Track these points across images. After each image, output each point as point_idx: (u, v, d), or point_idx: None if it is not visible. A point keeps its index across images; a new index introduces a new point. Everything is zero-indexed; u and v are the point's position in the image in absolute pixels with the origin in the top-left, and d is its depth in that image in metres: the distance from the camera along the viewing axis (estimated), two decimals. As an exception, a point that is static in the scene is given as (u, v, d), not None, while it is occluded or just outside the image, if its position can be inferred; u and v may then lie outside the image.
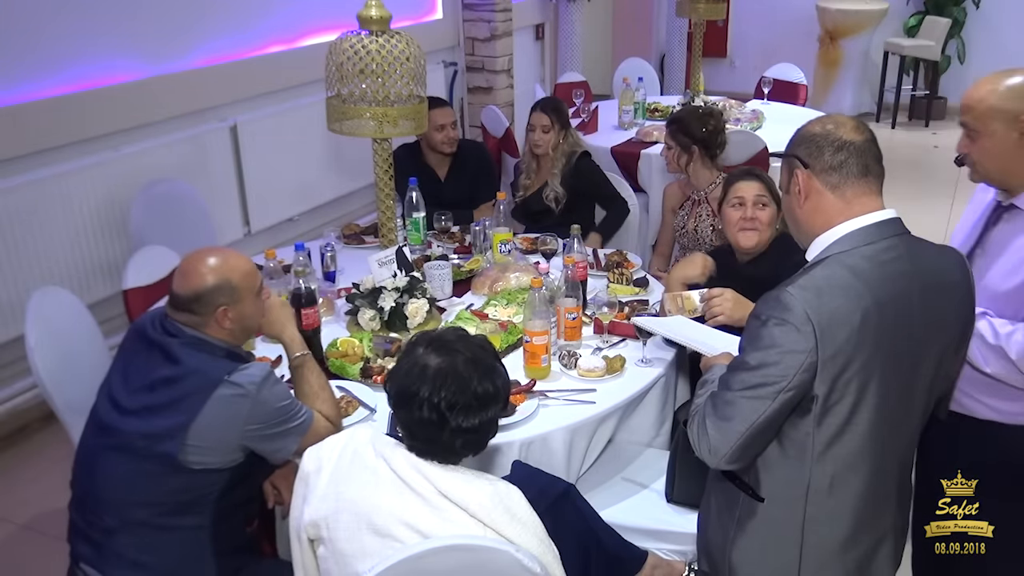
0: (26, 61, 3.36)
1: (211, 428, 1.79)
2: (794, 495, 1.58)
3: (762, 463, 1.60)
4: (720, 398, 1.56)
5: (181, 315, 1.88)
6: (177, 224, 3.49)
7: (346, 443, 1.67)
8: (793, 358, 1.45)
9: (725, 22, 8.05)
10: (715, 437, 1.54)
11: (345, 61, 2.52)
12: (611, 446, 2.31)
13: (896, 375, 1.52)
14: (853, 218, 1.54)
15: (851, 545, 1.60)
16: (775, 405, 1.48)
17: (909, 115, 7.84)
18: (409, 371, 1.58)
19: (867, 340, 1.46)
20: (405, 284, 2.57)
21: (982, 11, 7.58)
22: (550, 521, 1.64)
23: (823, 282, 1.49)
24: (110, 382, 1.91)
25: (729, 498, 1.68)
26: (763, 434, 1.53)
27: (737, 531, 1.66)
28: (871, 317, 1.46)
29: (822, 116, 1.64)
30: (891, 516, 1.65)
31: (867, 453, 1.54)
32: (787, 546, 1.61)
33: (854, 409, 1.50)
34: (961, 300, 1.61)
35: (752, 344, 1.52)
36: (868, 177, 1.55)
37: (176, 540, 1.85)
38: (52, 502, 3.02)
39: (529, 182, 3.61)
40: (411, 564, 1.46)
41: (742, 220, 2.52)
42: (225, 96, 4.19)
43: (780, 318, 1.47)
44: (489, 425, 1.61)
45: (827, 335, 1.44)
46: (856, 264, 1.50)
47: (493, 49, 5.93)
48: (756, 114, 4.80)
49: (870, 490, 1.57)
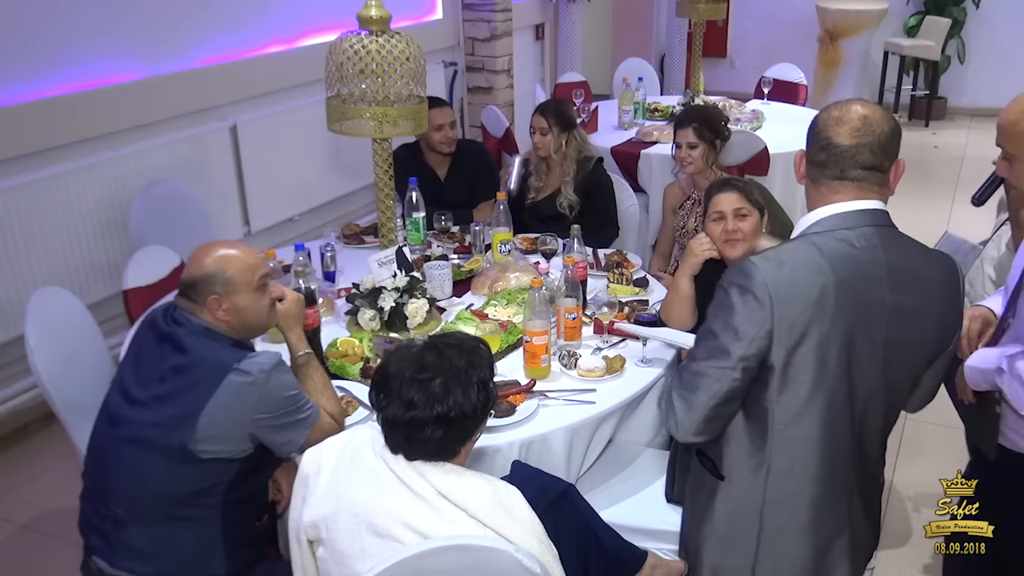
0: (26, 61, 3.36)
1: (220, 416, 1.80)
2: (755, 476, 1.61)
3: (725, 439, 1.64)
4: (687, 369, 1.61)
5: (182, 300, 1.91)
6: (177, 224, 3.49)
7: (345, 444, 1.67)
8: (751, 324, 1.50)
9: (725, 22, 8.05)
10: (680, 408, 1.60)
11: (345, 61, 2.52)
12: (611, 446, 2.30)
13: (856, 359, 1.53)
14: (832, 204, 1.58)
15: (808, 534, 1.61)
16: (736, 374, 1.53)
17: (909, 115, 7.84)
18: (398, 348, 1.64)
19: (824, 316, 1.49)
20: (405, 284, 2.57)
21: (982, 11, 7.58)
22: (550, 521, 1.64)
23: (787, 255, 1.54)
24: (122, 374, 1.94)
25: (699, 481, 1.73)
26: (726, 405, 1.57)
27: (703, 514, 1.70)
28: (829, 294, 1.49)
29: (845, 101, 1.61)
30: (847, 512, 1.64)
31: (825, 439, 1.56)
32: (746, 529, 1.63)
33: (812, 388, 1.53)
34: (944, 301, 1.61)
35: (716, 311, 1.58)
36: (843, 181, 1.57)
37: (187, 532, 1.86)
38: (52, 502, 3.03)
39: (541, 184, 3.58)
40: (411, 564, 1.46)
41: (724, 233, 2.49)
42: (225, 96, 4.19)
43: (740, 285, 1.53)
44: (410, 426, 1.56)
45: (782, 304, 1.49)
46: (825, 243, 1.54)
47: (493, 49, 5.93)
48: (756, 114, 4.80)
49: (827, 479, 1.59)
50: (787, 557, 1.62)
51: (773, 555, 1.62)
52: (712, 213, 2.53)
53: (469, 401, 1.57)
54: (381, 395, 1.59)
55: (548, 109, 3.48)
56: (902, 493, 3.00)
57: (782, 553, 1.62)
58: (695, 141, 3.24)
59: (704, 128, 3.24)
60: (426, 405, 1.54)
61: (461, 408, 1.56)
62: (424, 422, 1.54)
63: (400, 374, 1.57)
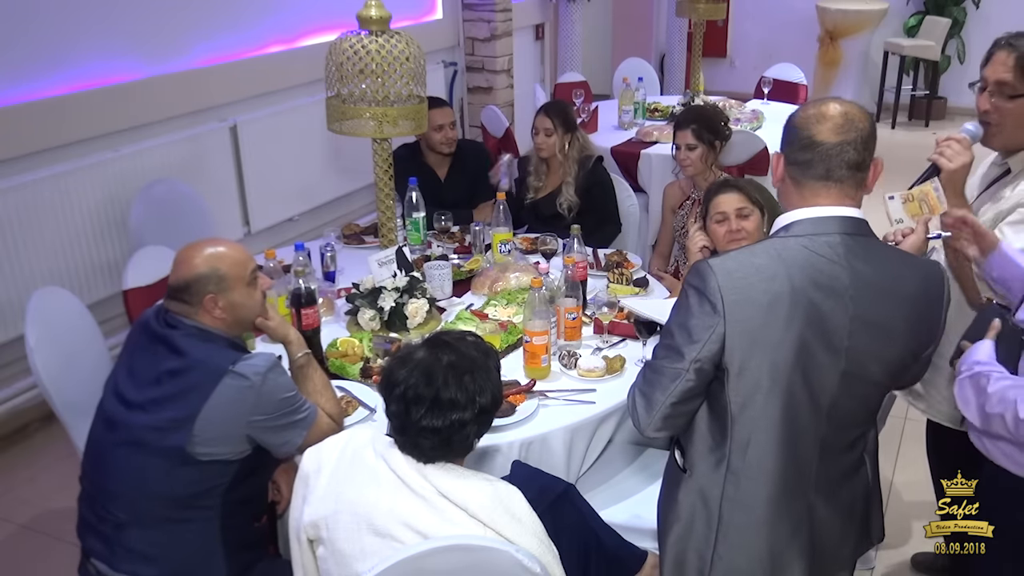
0: (26, 61, 3.36)
1: (217, 419, 1.80)
2: (715, 471, 1.61)
3: (689, 434, 1.65)
4: (650, 366, 1.62)
5: (174, 304, 1.90)
6: (177, 224, 3.49)
7: (346, 443, 1.67)
8: (703, 328, 1.51)
9: (725, 22, 8.04)
10: (640, 405, 1.62)
11: (345, 61, 2.52)
12: (611, 446, 2.30)
13: (816, 366, 1.52)
14: (809, 207, 1.56)
15: (763, 531, 1.61)
16: (690, 375, 1.54)
17: (909, 115, 7.84)
18: (397, 359, 1.63)
19: (775, 322, 1.49)
20: (405, 284, 2.57)
21: (982, 11, 7.58)
22: (550, 521, 1.64)
23: (745, 258, 1.53)
24: (116, 377, 1.93)
25: (669, 472, 1.75)
26: (683, 404, 1.58)
27: (669, 504, 1.71)
28: (782, 300, 1.48)
29: (819, 99, 1.60)
30: (806, 512, 1.63)
31: (782, 441, 1.55)
32: (706, 522, 1.63)
33: (767, 392, 1.52)
34: (917, 314, 1.57)
35: (675, 310, 1.59)
36: (828, 181, 1.54)
37: (186, 534, 1.86)
38: (52, 502, 3.03)
39: (540, 184, 3.58)
40: (411, 564, 1.46)
41: (728, 234, 2.50)
42: (225, 96, 4.19)
43: (696, 287, 1.53)
44: (451, 430, 1.56)
45: (734, 309, 1.49)
46: (786, 249, 1.52)
47: (493, 49, 5.93)
48: (756, 114, 4.80)
49: (785, 480, 1.59)
50: (743, 551, 1.62)
51: (730, 548, 1.62)
52: (714, 215, 2.54)
53: (499, 388, 1.64)
54: (412, 409, 1.55)
55: (553, 110, 3.48)
56: (902, 493, 3.00)
57: (738, 547, 1.62)
58: (694, 143, 3.24)
59: (703, 130, 3.24)
60: (468, 403, 1.56)
61: (495, 397, 1.61)
62: (465, 422, 1.57)
63: (432, 380, 1.55)
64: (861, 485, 1.73)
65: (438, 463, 1.58)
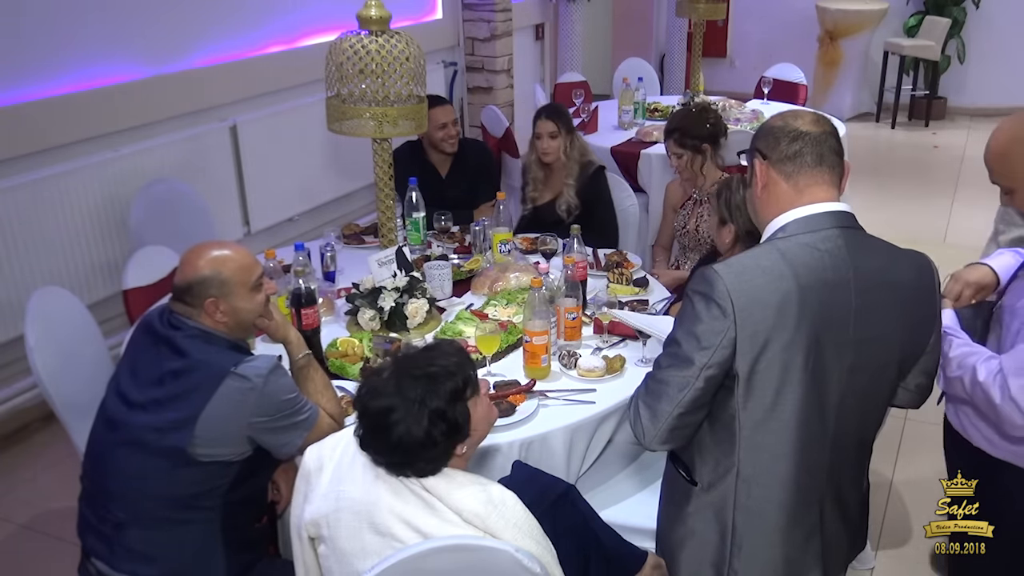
0: (26, 61, 3.36)
1: (218, 420, 1.80)
2: (725, 481, 1.60)
3: (695, 446, 1.63)
4: (653, 378, 1.60)
5: (178, 305, 1.90)
6: (177, 224, 3.49)
7: (347, 442, 1.67)
8: (713, 333, 1.49)
9: (725, 22, 8.05)
10: (646, 417, 1.59)
11: (345, 61, 2.52)
12: (611, 446, 2.30)
13: (824, 364, 1.52)
14: (801, 206, 1.56)
15: (779, 538, 1.60)
16: (699, 383, 1.52)
17: (909, 115, 7.84)
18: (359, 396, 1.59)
19: (787, 323, 1.48)
20: (405, 284, 2.57)
21: (982, 11, 7.58)
22: (550, 522, 1.64)
23: (750, 261, 1.53)
24: (118, 377, 1.93)
25: (673, 484, 1.73)
26: (691, 415, 1.56)
27: (677, 517, 1.70)
28: (791, 300, 1.48)
29: (784, 111, 1.67)
30: (820, 516, 1.63)
31: (794, 444, 1.55)
32: (718, 533, 1.63)
33: (778, 394, 1.52)
34: (914, 302, 1.59)
35: (680, 319, 1.57)
36: (822, 167, 1.56)
37: (186, 534, 1.86)
38: (52, 502, 3.03)
39: (537, 194, 3.57)
40: (412, 564, 1.46)
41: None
42: (225, 96, 4.19)
43: (703, 293, 1.52)
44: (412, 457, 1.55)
45: (744, 312, 1.48)
46: (789, 249, 1.53)
47: (493, 49, 5.93)
48: (756, 114, 4.80)
49: (799, 484, 1.58)
50: (759, 560, 1.62)
51: (745, 558, 1.61)
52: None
53: (462, 412, 1.56)
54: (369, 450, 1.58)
55: (554, 113, 3.48)
56: (902, 493, 3.00)
57: (754, 556, 1.61)
58: (678, 151, 3.28)
59: (684, 137, 3.26)
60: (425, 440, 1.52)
61: (454, 423, 1.55)
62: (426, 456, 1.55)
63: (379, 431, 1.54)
64: (862, 490, 1.74)
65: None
